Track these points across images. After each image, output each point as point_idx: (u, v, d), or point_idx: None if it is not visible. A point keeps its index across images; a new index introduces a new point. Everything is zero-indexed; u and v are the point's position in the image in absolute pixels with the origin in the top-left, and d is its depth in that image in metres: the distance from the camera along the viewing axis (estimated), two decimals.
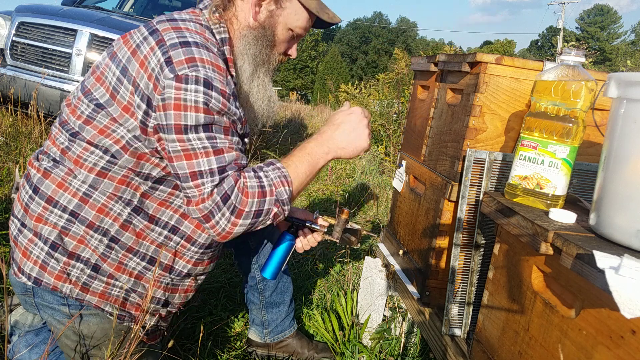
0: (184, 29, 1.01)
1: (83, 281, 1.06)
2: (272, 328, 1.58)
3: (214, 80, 0.95)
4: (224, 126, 0.99)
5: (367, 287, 1.77)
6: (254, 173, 1.04)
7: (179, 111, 0.94)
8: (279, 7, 1.09)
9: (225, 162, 0.98)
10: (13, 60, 3.42)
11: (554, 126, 0.97)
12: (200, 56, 0.96)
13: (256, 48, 1.09)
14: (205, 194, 0.97)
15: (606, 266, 0.64)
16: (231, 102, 1.00)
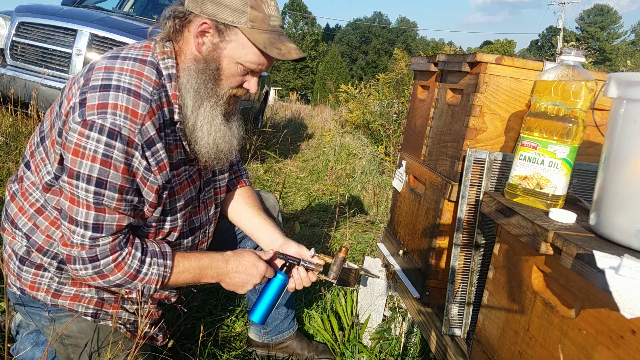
0: (117, 70, 0.99)
1: (54, 288, 1.12)
2: (270, 328, 1.58)
3: (122, 130, 0.94)
4: (120, 184, 0.97)
5: (367, 287, 1.77)
6: (140, 254, 1.05)
7: (76, 157, 0.94)
8: (223, 40, 1.02)
9: (102, 221, 0.98)
10: (13, 60, 3.42)
11: (554, 126, 0.97)
12: (115, 102, 0.94)
13: (198, 82, 1.04)
14: (74, 242, 1.00)
15: (606, 266, 0.64)
16: (138, 154, 0.97)
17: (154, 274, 1.07)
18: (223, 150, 1.11)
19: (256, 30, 1.01)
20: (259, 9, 1.01)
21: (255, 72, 1.09)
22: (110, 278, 1.04)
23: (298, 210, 3.29)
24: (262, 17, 1.01)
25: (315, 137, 7.17)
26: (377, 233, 2.88)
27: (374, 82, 6.61)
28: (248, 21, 1.00)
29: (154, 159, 1.00)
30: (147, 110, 0.97)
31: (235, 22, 1.00)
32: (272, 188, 3.87)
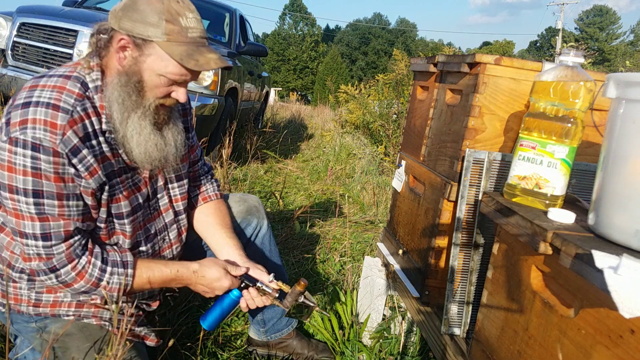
0: (40, 87, 1.03)
1: (34, 298, 1.15)
2: (269, 327, 1.58)
3: (43, 142, 0.97)
4: (57, 192, 1.00)
5: (366, 287, 1.77)
6: (101, 263, 1.09)
7: (11, 173, 0.98)
8: (142, 53, 1.04)
9: (48, 230, 1.02)
10: (14, 60, 3.42)
11: (553, 126, 0.97)
12: (34, 116, 0.98)
13: (121, 94, 1.06)
14: (31, 254, 1.04)
15: (605, 266, 0.65)
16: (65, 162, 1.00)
17: (115, 283, 1.11)
18: (157, 159, 1.13)
19: (172, 43, 1.03)
20: (175, 22, 1.03)
21: (181, 83, 1.10)
22: (75, 286, 1.08)
23: (298, 210, 3.29)
24: (178, 29, 1.03)
25: (315, 137, 7.17)
26: (376, 233, 2.88)
27: (374, 82, 6.61)
28: (164, 35, 1.02)
29: (82, 165, 1.03)
30: (66, 121, 1.00)
31: (151, 36, 1.02)
32: (272, 188, 3.87)
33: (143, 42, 1.03)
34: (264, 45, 5.00)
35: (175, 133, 1.18)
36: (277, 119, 8.65)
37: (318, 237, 2.72)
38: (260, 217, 1.54)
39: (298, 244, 2.58)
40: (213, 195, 1.44)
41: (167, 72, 1.05)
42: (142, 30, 1.02)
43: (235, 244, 1.36)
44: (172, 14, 1.03)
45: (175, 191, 1.32)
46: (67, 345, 1.14)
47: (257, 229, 1.54)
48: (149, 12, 1.02)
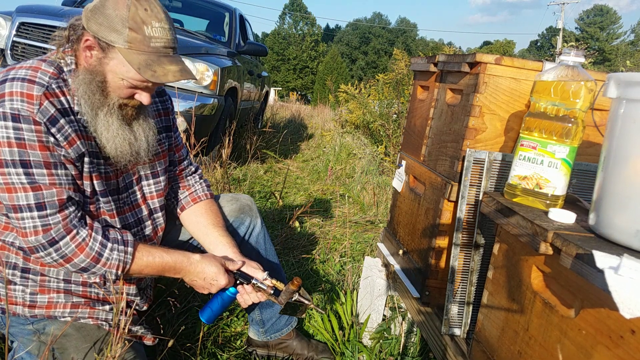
0: (16, 68, 1.05)
1: (28, 299, 1.15)
2: (268, 327, 1.58)
3: (21, 111, 0.99)
4: (44, 160, 1.02)
5: (367, 287, 1.77)
6: (101, 237, 1.10)
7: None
8: (106, 56, 1.06)
9: (42, 199, 1.02)
10: (14, 60, 3.42)
11: (554, 126, 0.97)
12: (10, 89, 1.00)
13: (86, 92, 1.07)
14: (27, 229, 1.03)
15: (605, 266, 0.64)
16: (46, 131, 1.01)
17: (114, 259, 1.10)
18: (129, 153, 1.14)
19: (133, 52, 1.03)
20: (138, 31, 1.03)
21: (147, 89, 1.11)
22: (75, 260, 1.07)
23: (298, 210, 3.29)
24: (140, 38, 1.03)
25: (315, 137, 7.17)
26: (376, 233, 2.88)
27: (374, 82, 6.61)
28: (125, 42, 1.03)
29: (61, 134, 1.04)
30: (42, 92, 1.02)
31: (114, 41, 1.03)
32: (272, 188, 3.87)
33: (107, 45, 1.04)
34: (263, 45, 5.00)
35: (146, 129, 1.19)
36: (277, 119, 8.65)
37: (318, 237, 2.72)
38: (253, 215, 1.54)
39: (298, 244, 2.58)
40: (202, 195, 1.44)
41: (128, 77, 1.06)
42: (106, 35, 1.03)
43: (229, 242, 1.36)
44: (137, 22, 1.03)
45: (151, 188, 1.32)
46: (65, 346, 1.14)
47: (250, 228, 1.54)
48: (114, 17, 1.02)
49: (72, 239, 1.06)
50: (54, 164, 1.03)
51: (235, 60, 4.37)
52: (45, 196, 1.03)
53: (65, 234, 1.05)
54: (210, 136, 3.70)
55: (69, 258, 1.07)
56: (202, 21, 5.23)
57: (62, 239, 1.05)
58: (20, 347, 1.20)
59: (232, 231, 1.49)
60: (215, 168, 3.35)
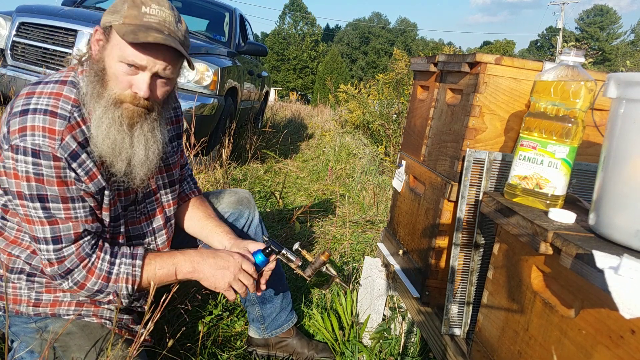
0: (36, 94, 1.04)
1: (34, 298, 1.16)
2: (268, 323, 1.59)
3: (42, 147, 0.99)
4: (61, 195, 1.02)
5: (367, 287, 1.77)
6: (110, 257, 1.11)
7: (17, 180, 1.00)
8: (107, 41, 1.05)
9: (59, 232, 1.04)
10: (14, 60, 3.42)
11: (554, 126, 0.97)
12: (32, 123, 1.00)
13: (89, 85, 1.05)
14: (45, 260, 1.06)
15: (605, 266, 0.64)
16: (66, 167, 1.01)
17: (123, 273, 1.11)
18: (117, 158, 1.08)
19: (125, 25, 1.02)
20: (135, 9, 1.03)
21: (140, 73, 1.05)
22: (88, 285, 1.09)
23: (298, 210, 3.29)
24: (135, 14, 1.03)
25: (315, 137, 7.17)
26: (376, 233, 2.88)
27: (374, 82, 6.61)
28: (121, 18, 1.03)
29: (82, 169, 1.05)
30: (64, 126, 1.02)
31: (112, 21, 1.03)
32: (272, 188, 3.87)
33: (109, 29, 1.04)
34: (263, 45, 5.00)
35: (150, 140, 1.12)
36: (277, 119, 8.65)
37: (318, 237, 2.71)
38: (251, 207, 1.57)
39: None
40: (190, 193, 1.46)
41: (120, 55, 1.03)
42: (108, 18, 1.04)
43: (223, 230, 1.37)
44: (136, 3, 1.04)
45: (168, 196, 1.34)
46: (67, 345, 1.14)
47: (249, 219, 1.57)
48: (119, 2, 1.05)
49: (84, 266, 1.08)
50: (71, 198, 1.04)
51: (235, 60, 4.37)
52: (62, 230, 1.04)
53: (79, 262, 1.07)
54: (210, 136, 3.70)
55: (82, 284, 1.09)
56: (202, 21, 5.23)
57: (76, 269, 1.08)
58: (20, 346, 1.20)
59: (231, 222, 1.53)
60: (215, 168, 3.35)
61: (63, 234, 1.04)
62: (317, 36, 45.43)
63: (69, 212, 1.04)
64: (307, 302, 1.92)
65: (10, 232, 1.13)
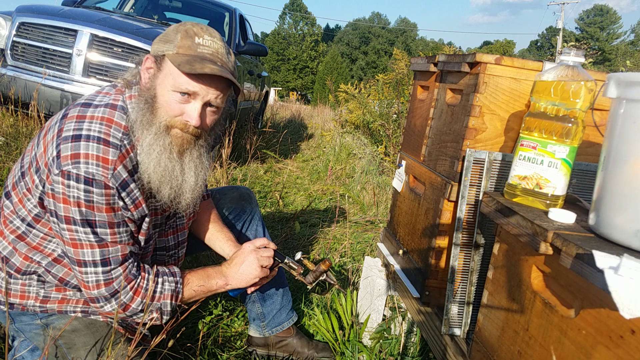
0: (88, 118, 1.05)
1: (42, 295, 1.17)
2: (268, 320, 1.59)
3: (95, 176, 1.01)
4: (109, 221, 1.05)
5: (367, 287, 1.77)
6: (153, 276, 1.14)
7: (66, 205, 1.02)
8: (159, 69, 1.08)
9: (107, 255, 1.07)
10: (14, 60, 3.42)
11: (554, 126, 0.97)
12: (86, 151, 1.01)
13: (138, 112, 1.08)
14: (90, 282, 1.07)
15: (605, 266, 0.64)
16: (115, 195, 1.04)
17: (167, 289, 1.16)
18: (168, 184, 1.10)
19: (180, 55, 1.06)
20: (188, 39, 1.07)
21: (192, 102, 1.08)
22: (133, 306, 1.12)
23: (298, 210, 3.29)
24: (189, 44, 1.07)
25: (315, 137, 7.17)
26: (376, 233, 2.88)
27: (374, 82, 6.61)
28: (175, 48, 1.07)
29: (130, 198, 1.08)
30: (117, 156, 1.04)
31: (165, 51, 1.08)
32: (272, 188, 3.87)
33: (161, 58, 1.08)
34: (263, 45, 5.00)
35: (199, 166, 1.16)
36: (277, 119, 8.65)
37: (318, 237, 2.71)
38: (252, 203, 1.62)
39: (298, 244, 2.58)
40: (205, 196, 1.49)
41: (173, 84, 1.06)
42: (160, 47, 1.08)
43: (225, 236, 1.43)
44: (189, 34, 1.08)
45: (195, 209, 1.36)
46: (73, 342, 1.15)
47: (250, 215, 1.61)
48: (171, 32, 1.09)
49: (132, 287, 1.10)
50: (117, 223, 1.07)
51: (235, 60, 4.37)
52: (111, 252, 1.07)
53: (127, 284, 1.10)
54: None
55: (127, 305, 1.11)
56: (202, 21, 5.23)
57: (123, 290, 1.10)
58: (21, 344, 1.20)
59: (233, 218, 1.57)
60: (215, 168, 3.35)
61: (112, 256, 1.07)
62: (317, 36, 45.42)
63: (115, 237, 1.07)
64: (307, 302, 1.92)
65: (34, 238, 1.14)
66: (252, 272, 1.29)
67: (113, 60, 3.43)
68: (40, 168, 1.06)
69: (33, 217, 1.12)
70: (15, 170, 1.17)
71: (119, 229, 1.07)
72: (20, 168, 1.15)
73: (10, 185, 1.16)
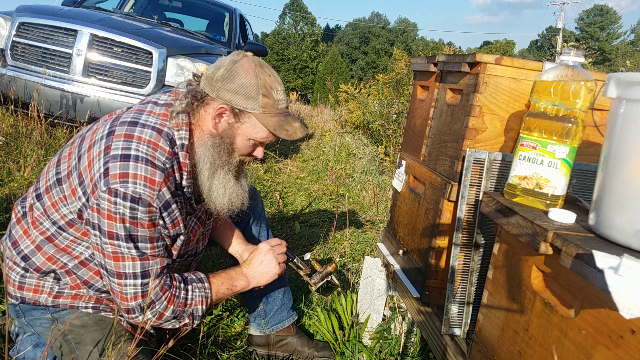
0: (135, 139, 1.09)
1: (56, 290, 1.20)
2: (269, 317, 1.60)
3: (142, 196, 1.06)
4: (149, 236, 1.10)
5: (367, 287, 1.77)
6: (183, 284, 1.20)
7: (111, 221, 1.06)
8: (238, 121, 1.17)
9: (148, 267, 1.11)
10: (14, 60, 3.42)
11: (554, 126, 0.97)
12: (135, 172, 1.06)
13: (214, 154, 1.18)
14: (128, 294, 1.11)
15: (605, 266, 0.64)
16: (157, 214, 1.10)
17: (197, 296, 1.21)
18: (238, 206, 1.27)
19: (267, 115, 1.16)
20: (270, 96, 1.15)
21: (262, 144, 1.25)
22: (166, 314, 1.15)
23: (298, 210, 3.29)
24: (272, 103, 1.16)
25: (315, 137, 7.17)
26: (376, 233, 2.88)
27: (374, 82, 6.60)
28: (260, 107, 1.15)
29: (170, 217, 1.14)
30: (162, 178, 1.09)
31: (249, 108, 1.14)
32: (272, 188, 3.87)
33: (240, 112, 1.15)
34: (263, 45, 5.00)
35: (244, 179, 1.31)
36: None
37: (318, 237, 2.71)
38: (257, 200, 1.66)
39: (298, 244, 2.58)
40: None
41: (257, 137, 1.19)
42: (241, 102, 1.14)
43: (233, 234, 1.50)
44: (267, 89, 1.15)
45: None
46: (82, 337, 1.17)
47: (255, 212, 1.65)
48: (248, 86, 1.14)
49: (166, 297, 1.15)
50: (156, 238, 1.12)
51: None
52: (151, 265, 1.11)
53: (162, 294, 1.14)
54: None
55: (162, 314, 1.15)
56: (202, 21, 5.24)
57: (159, 300, 1.14)
58: (25, 340, 1.21)
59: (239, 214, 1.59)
60: None
61: (151, 268, 1.11)
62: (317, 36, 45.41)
63: (154, 250, 1.12)
64: (307, 302, 1.92)
65: (64, 240, 1.17)
66: (271, 270, 1.36)
67: (113, 60, 3.43)
68: (84, 182, 1.10)
69: (67, 222, 1.15)
70: (49, 175, 1.20)
71: (157, 243, 1.13)
72: (55, 174, 1.18)
73: (43, 188, 1.19)
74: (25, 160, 2.88)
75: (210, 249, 2.16)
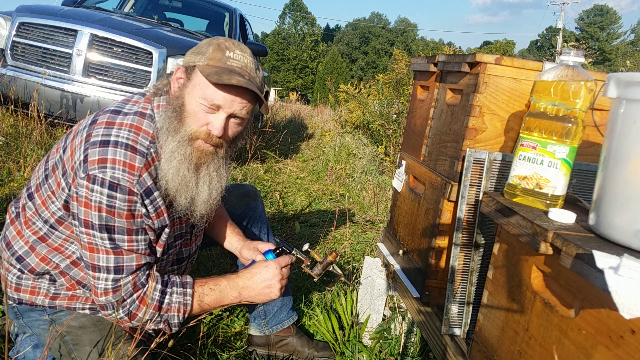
0: (116, 125, 1.06)
1: (52, 292, 1.18)
2: (269, 317, 1.60)
3: (121, 182, 1.02)
4: (127, 227, 1.05)
5: (367, 287, 1.77)
6: (161, 286, 1.13)
7: (87, 209, 1.02)
8: (188, 80, 1.11)
9: (121, 263, 1.07)
10: (14, 60, 3.42)
11: (554, 126, 0.97)
12: (114, 157, 1.02)
13: (165, 120, 1.09)
14: (99, 289, 1.07)
15: (605, 266, 0.64)
16: (139, 202, 1.05)
17: (175, 302, 1.15)
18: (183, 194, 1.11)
19: (209, 67, 1.08)
20: (220, 52, 1.10)
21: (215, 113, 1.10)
22: (139, 315, 1.11)
23: (298, 210, 3.29)
24: (219, 57, 1.09)
25: (315, 137, 7.17)
26: (376, 233, 2.88)
27: (374, 82, 6.60)
28: (206, 59, 1.09)
29: (152, 206, 1.09)
30: (143, 163, 1.05)
31: (196, 62, 1.10)
32: (272, 188, 3.87)
33: (191, 69, 1.10)
34: (263, 45, 5.00)
35: (214, 179, 1.17)
36: (276, 119, 8.65)
37: (318, 237, 2.71)
38: (257, 200, 1.65)
39: (298, 244, 2.58)
40: None
41: (201, 94, 1.08)
42: (192, 58, 1.10)
43: (233, 231, 1.46)
44: (221, 47, 1.10)
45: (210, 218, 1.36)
46: (79, 338, 1.17)
47: (255, 212, 1.64)
48: (203, 44, 1.12)
49: (138, 296, 1.10)
50: (135, 230, 1.07)
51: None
52: (125, 261, 1.07)
53: (133, 292, 1.09)
54: None
55: (134, 314, 1.11)
56: (202, 21, 5.23)
57: (130, 298, 1.09)
58: (25, 341, 1.21)
59: (239, 215, 1.59)
60: None
61: (126, 264, 1.07)
62: (317, 36, 45.42)
63: (132, 244, 1.07)
64: (307, 302, 1.92)
65: (56, 240, 1.15)
66: (271, 293, 1.26)
67: (113, 60, 3.43)
68: (66, 171, 1.07)
69: (56, 220, 1.13)
70: (38, 172, 1.19)
71: (137, 236, 1.08)
72: (44, 170, 1.16)
73: (34, 186, 1.18)
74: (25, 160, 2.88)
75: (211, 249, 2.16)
